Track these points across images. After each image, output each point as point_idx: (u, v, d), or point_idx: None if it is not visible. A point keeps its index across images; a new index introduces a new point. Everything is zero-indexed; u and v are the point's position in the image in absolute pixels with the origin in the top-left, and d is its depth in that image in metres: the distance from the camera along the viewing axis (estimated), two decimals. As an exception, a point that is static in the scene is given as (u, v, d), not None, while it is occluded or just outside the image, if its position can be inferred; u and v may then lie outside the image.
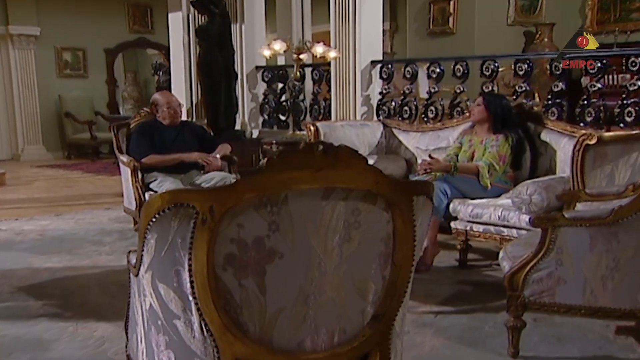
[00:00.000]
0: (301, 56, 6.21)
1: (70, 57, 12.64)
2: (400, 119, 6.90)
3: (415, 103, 6.94)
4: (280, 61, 9.65)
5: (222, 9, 7.76)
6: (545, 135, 4.58)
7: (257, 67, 8.46)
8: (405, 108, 6.96)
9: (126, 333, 2.27)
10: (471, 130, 4.81)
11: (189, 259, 1.67)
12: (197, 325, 1.74)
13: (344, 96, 7.16)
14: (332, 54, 6.17)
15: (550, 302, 2.81)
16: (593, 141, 3.74)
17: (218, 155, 5.17)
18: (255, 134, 8.37)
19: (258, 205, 1.68)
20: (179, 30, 8.60)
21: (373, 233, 1.83)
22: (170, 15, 8.73)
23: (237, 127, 8.27)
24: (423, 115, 6.82)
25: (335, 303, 1.84)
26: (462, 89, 6.46)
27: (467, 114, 5.20)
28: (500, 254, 3.09)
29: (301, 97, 8.14)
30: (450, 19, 10.68)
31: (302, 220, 1.72)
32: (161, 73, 11.67)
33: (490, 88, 6.15)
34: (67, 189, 8.25)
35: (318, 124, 5.36)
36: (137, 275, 1.88)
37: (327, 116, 7.64)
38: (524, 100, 6.14)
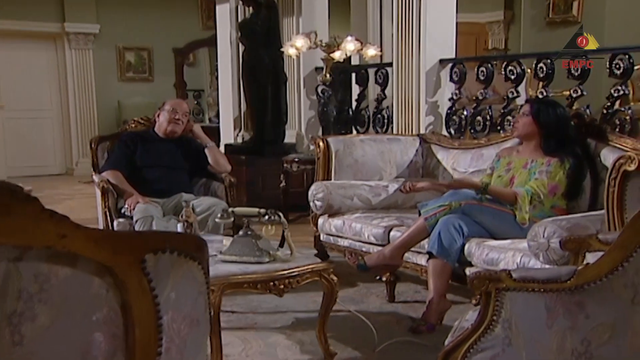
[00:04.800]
0: (334, 55, 5.86)
1: (134, 58, 12.93)
2: (472, 131, 6.42)
3: (490, 112, 6.43)
4: (355, 60, 9.32)
5: None
6: (608, 155, 4.01)
7: (317, 69, 8.18)
8: (478, 118, 6.46)
9: None
10: (510, 151, 4.31)
11: None
12: None
13: (406, 103, 6.75)
14: (370, 52, 5.80)
15: (497, 396, 2.32)
16: (633, 166, 3.17)
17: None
18: (312, 147, 8.10)
19: None
20: (226, 25, 8.52)
21: (78, 308, 1.50)
22: (217, 7, 8.70)
23: (290, 139, 8.07)
24: (498, 127, 6.28)
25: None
26: (545, 94, 5.88)
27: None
28: (456, 322, 2.63)
29: (364, 104, 7.83)
30: (575, 4, 9.96)
31: (-49, 289, 1.43)
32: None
33: (580, 92, 5.56)
34: (91, 210, 8.30)
35: (329, 138, 5.03)
36: None
37: (390, 128, 7.26)
38: (622, 109, 5.49)
